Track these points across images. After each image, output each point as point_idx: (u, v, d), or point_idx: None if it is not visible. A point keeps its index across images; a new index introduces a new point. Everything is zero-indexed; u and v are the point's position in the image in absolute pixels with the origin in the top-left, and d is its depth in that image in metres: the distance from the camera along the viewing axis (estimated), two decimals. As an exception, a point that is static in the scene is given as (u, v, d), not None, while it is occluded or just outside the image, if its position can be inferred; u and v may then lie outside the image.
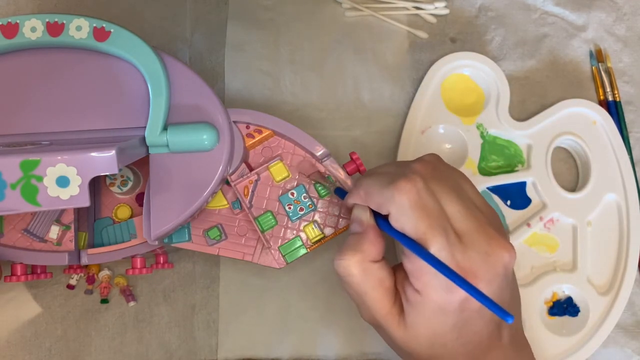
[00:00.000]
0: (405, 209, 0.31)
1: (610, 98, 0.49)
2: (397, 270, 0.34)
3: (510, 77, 0.49)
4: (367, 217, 0.34)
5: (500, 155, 0.47)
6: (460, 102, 0.47)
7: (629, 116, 0.49)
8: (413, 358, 0.34)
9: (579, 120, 0.47)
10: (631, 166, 0.46)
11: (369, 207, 0.34)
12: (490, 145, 0.47)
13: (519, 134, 0.46)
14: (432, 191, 0.32)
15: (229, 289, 0.45)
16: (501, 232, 0.34)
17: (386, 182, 0.32)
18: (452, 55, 0.47)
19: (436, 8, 0.50)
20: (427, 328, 0.32)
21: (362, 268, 0.32)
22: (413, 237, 0.31)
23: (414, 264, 0.31)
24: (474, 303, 0.31)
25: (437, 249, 0.30)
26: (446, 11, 0.50)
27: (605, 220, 0.46)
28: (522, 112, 0.48)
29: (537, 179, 0.45)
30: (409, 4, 0.50)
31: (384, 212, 0.33)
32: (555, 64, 0.50)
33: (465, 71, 0.48)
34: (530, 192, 0.46)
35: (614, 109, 0.49)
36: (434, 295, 0.31)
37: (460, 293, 0.30)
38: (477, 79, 0.48)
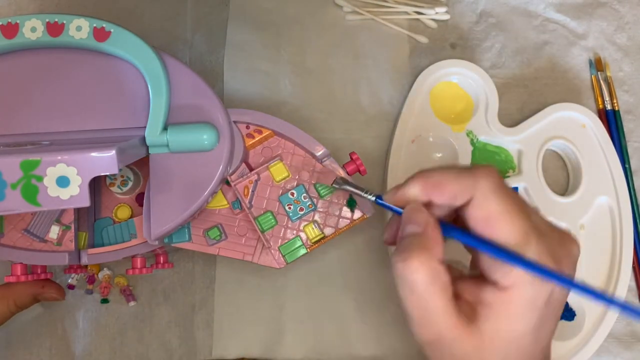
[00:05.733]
0: (489, 193, 0.29)
1: (609, 107, 0.49)
2: (455, 276, 0.31)
3: (509, 84, 0.49)
4: (425, 215, 0.30)
5: (491, 162, 0.47)
6: (449, 109, 0.47)
7: (627, 125, 0.49)
8: None
9: (569, 124, 0.47)
10: (622, 169, 0.46)
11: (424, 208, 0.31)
12: (481, 152, 0.46)
13: (509, 140, 0.46)
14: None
15: (224, 288, 0.45)
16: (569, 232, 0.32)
17: (460, 171, 0.30)
18: (439, 63, 0.47)
19: (437, 13, 0.50)
20: (509, 331, 0.29)
21: (429, 269, 0.28)
22: (498, 229, 0.29)
23: (496, 261, 0.28)
24: (557, 294, 0.29)
25: (534, 251, 0.28)
26: (447, 16, 0.50)
27: (597, 224, 0.46)
28: (521, 119, 0.48)
29: (529, 184, 0.45)
30: (410, 9, 0.50)
31: (460, 202, 0.30)
32: (554, 71, 0.50)
33: (453, 79, 0.48)
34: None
35: (612, 118, 0.49)
36: (526, 289, 0.28)
37: (551, 284, 0.28)
38: (465, 86, 0.48)
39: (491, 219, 0.29)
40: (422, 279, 0.28)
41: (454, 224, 0.32)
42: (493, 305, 0.29)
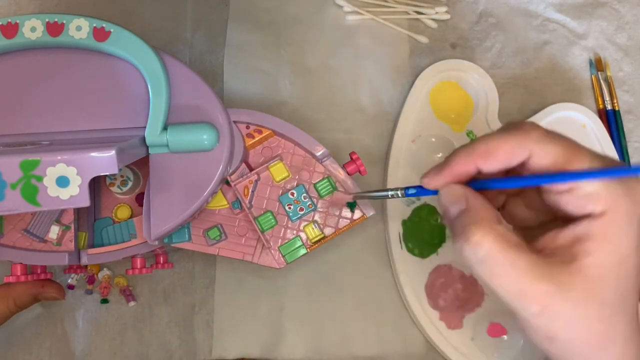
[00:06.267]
0: (547, 141, 0.28)
1: (609, 107, 0.49)
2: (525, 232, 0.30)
3: (509, 84, 0.49)
4: (460, 189, 0.29)
5: None
6: (449, 109, 0.47)
7: (628, 125, 0.49)
8: (598, 323, 0.27)
9: (569, 124, 0.47)
10: None
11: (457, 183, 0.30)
12: None
13: None
14: None
15: (224, 288, 0.45)
16: None
17: (505, 132, 0.29)
18: (439, 63, 0.47)
19: (437, 13, 0.50)
20: (614, 256, 0.27)
21: (495, 235, 0.26)
22: (558, 164, 0.28)
23: (583, 187, 0.27)
24: None
25: (588, 157, 0.27)
26: (447, 16, 0.50)
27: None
28: (521, 119, 0.47)
29: (529, 183, 0.45)
30: (410, 9, 0.50)
31: (518, 160, 0.29)
32: (555, 71, 0.50)
33: (453, 79, 0.48)
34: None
35: (612, 117, 0.49)
36: (622, 206, 0.27)
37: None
38: (465, 86, 0.48)
39: (559, 162, 0.28)
40: (493, 247, 0.26)
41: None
42: (592, 235, 0.27)
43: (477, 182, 0.30)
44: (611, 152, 0.46)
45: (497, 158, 0.29)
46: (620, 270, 0.27)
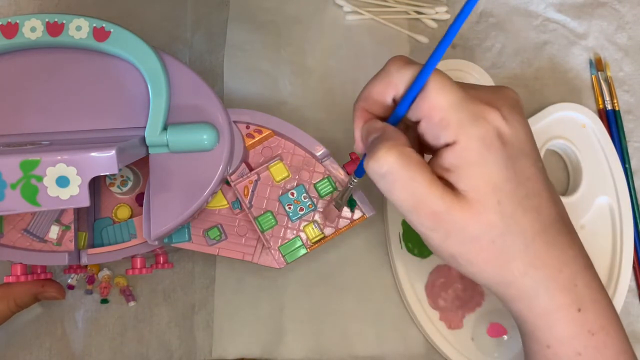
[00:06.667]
0: (401, 69, 0.30)
1: (609, 107, 0.49)
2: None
3: (509, 84, 0.49)
4: (380, 122, 0.31)
5: None
6: None
7: (628, 125, 0.49)
8: (490, 245, 0.29)
9: (569, 124, 0.47)
10: (622, 169, 0.46)
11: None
12: None
13: None
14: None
15: (224, 288, 0.45)
16: None
17: (378, 72, 0.31)
18: (439, 63, 0.47)
19: (437, 13, 0.50)
20: (485, 180, 0.28)
21: (398, 152, 0.28)
22: (433, 99, 0.28)
23: (435, 114, 0.28)
24: (508, 130, 0.28)
25: (442, 76, 0.28)
26: (447, 16, 0.50)
27: (598, 224, 0.46)
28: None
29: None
30: (410, 9, 0.50)
31: (392, 93, 0.30)
32: (555, 71, 0.50)
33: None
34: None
35: (612, 117, 0.49)
36: (469, 131, 0.28)
37: (492, 118, 0.28)
38: None
39: (425, 93, 0.29)
40: (395, 162, 0.28)
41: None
42: (455, 165, 0.28)
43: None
44: (611, 152, 0.46)
45: (375, 101, 0.31)
46: (502, 193, 0.28)
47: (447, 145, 0.28)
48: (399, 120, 0.31)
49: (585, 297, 0.30)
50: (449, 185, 0.29)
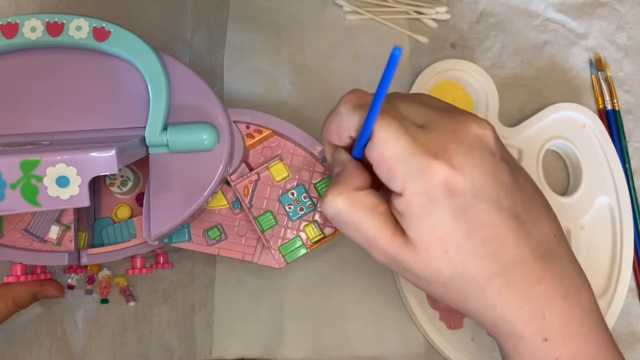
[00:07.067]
0: (350, 113, 0.30)
1: (609, 107, 0.49)
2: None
3: (509, 84, 0.49)
4: (344, 155, 0.32)
5: None
6: None
7: (628, 125, 0.49)
8: (442, 286, 0.30)
9: (569, 124, 0.47)
10: (622, 169, 0.46)
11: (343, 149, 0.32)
12: None
13: (509, 140, 0.46)
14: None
15: (224, 288, 0.45)
16: (470, 113, 0.31)
17: (333, 109, 0.32)
18: (439, 63, 0.47)
19: (437, 13, 0.50)
20: (430, 232, 0.28)
21: (346, 197, 0.29)
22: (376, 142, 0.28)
23: (382, 164, 0.28)
24: (459, 180, 0.27)
25: (389, 125, 0.28)
26: (447, 16, 0.50)
27: (598, 224, 0.46)
28: (521, 119, 0.48)
29: (529, 184, 0.45)
30: (410, 9, 0.50)
31: (347, 133, 0.31)
32: (555, 71, 0.50)
33: (453, 79, 0.48)
34: (523, 196, 0.46)
35: (612, 117, 0.49)
36: (413, 185, 0.28)
37: (437, 172, 0.27)
38: (465, 86, 0.48)
39: (372, 142, 0.29)
40: (343, 208, 0.29)
41: None
42: (402, 212, 0.29)
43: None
44: (611, 152, 0.46)
45: (332, 138, 0.32)
46: (449, 244, 0.28)
47: (396, 193, 0.29)
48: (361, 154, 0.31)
49: (554, 328, 0.30)
50: (401, 228, 0.29)
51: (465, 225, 0.28)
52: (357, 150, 0.30)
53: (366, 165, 0.30)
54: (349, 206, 0.29)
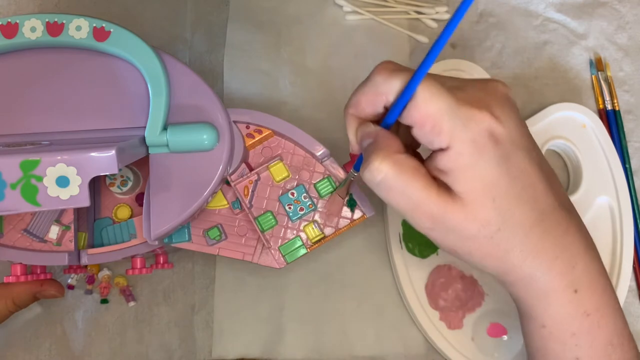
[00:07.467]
0: (389, 77, 0.30)
1: (609, 107, 0.49)
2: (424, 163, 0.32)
3: (509, 84, 0.48)
4: (372, 126, 0.32)
5: None
6: None
7: (628, 125, 0.49)
8: (488, 241, 0.30)
9: (569, 124, 0.47)
10: (622, 169, 0.46)
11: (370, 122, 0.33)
12: None
13: None
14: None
15: (224, 288, 0.45)
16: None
17: (365, 80, 0.32)
18: (439, 63, 0.47)
19: (437, 13, 0.50)
20: (478, 181, 0.29)
21: (392, 161, 0.29)
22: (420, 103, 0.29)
23: (427, 122, 0.28)
24: (500, 129, 0.29)
25: (430, 84, 0.28)
26: (447, 16, 0.50)
27: (598, 224, 0.46)
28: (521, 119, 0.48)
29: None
30: (410, 9, 0.50)
31: (382, 101, 0.31)
32: (555, 71, 0.50)
33: None
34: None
35: (613, 117, 0.49)
36: (461, 135, 0.28)
37: (482, 120, 0.29)
38: None
39: (415, 101, 0.29)
40: (389, 172, 0.29)
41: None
42: (450, 168, 0.29)
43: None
44: (611, 152, 0.46)
45: (364, 108, 0.32)
46: (496, 192, 0.29)
47: (441, 149, 0.29)
48: (391, 125, 0.31)
49: (583, 279, 0.31)
50: (444, 186, 0.30)
51: (507, 172, 0.29)
52: (392, 116, 0.30)
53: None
54: (395, 170, 0.29)
